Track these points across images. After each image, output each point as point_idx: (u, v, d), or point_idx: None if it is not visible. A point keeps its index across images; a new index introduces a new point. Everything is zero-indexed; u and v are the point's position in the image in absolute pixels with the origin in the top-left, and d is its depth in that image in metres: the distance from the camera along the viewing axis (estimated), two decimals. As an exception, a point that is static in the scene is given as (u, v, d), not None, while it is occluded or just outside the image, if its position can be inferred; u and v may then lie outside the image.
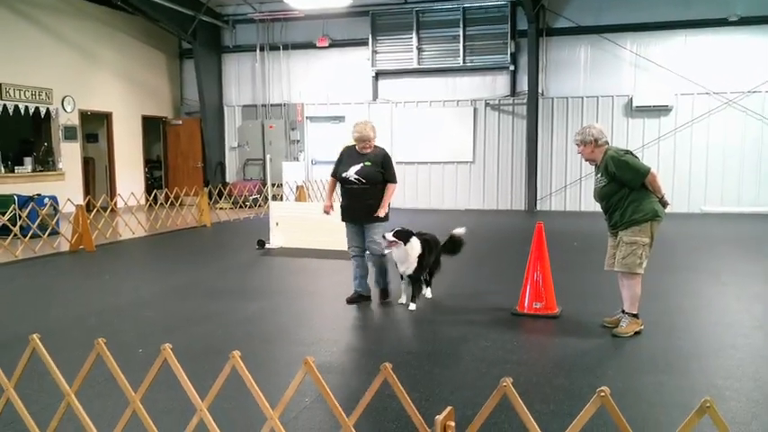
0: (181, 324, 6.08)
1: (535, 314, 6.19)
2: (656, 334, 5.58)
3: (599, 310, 6.17)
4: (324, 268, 8.99)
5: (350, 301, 6.75)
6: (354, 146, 6.70)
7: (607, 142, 5.67)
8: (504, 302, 6.59)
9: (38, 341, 3.04)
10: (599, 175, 5.69)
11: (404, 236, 6.43)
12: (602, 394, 2.21)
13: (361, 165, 6.55)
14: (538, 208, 16.27)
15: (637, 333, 5.54)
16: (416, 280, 6.55)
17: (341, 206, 6.79)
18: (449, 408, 2.40)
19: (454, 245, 7.11)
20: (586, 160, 5.78)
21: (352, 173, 6.55)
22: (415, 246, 6.44)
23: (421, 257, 6.46)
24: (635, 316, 5.60)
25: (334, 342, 5.48)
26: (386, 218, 6.64)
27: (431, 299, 6.86)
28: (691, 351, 5.15)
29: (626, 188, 5.48)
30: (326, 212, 6.92)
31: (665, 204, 5.58)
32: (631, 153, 5.65)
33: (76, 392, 3.04)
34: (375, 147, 6.68)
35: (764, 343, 5.38)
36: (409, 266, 6.46)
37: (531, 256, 6.28)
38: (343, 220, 6.77)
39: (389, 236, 6.39)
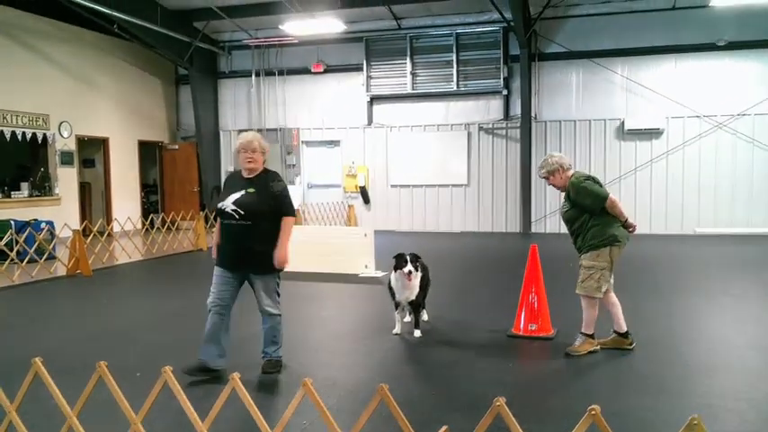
0: (178, 347, 6.10)
1: (530, 336, 6.23)
2: (650, 354, 5.63)
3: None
4: (320, 291, 9.02)
5: (188, 371, 4.93)
6: (240, 171, 5.14)
7: (571, 166, 5.76)
8: (500, 324, 6.63)
9: (40, 364, 3.08)
10: (564, 200, 5.80)
11: (416, 262, 6.19)
12: (593, 412, 2.27)
13: (243, 192, 4.93)
14: (532, 230, 16.35)
15: (591, 352, 5.62)
16: (418, 306, 6.36)
17: (216, 246, 5.21)
18: (444, 427, 2.45)
19: None
20: (558, 188, 5.80)
21: (228, 203, 4.93)
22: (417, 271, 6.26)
23: (420, 281, 6.30)
24: (590, 336, 5.68)
25: (332, 365, 5.51)
26: (281, 267, 5.14)
27: (427, 321, 6.88)
28: (685, 371, 5.19)
29: (587, 213, 5.56)
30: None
31: (629, 228, 5.63)
32: (593, 179, 5.69)
33: (78, 415, 3.07)
34: (265, 170, 5.11)
35: (759, 363, 5.43)
36: (412, 293, 6.22)
37: (526, 278, 6.34)
38: (218, 264, 5.16)
39: (412, 268, 6.05)
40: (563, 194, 5.84)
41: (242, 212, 4.88)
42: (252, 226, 4.91)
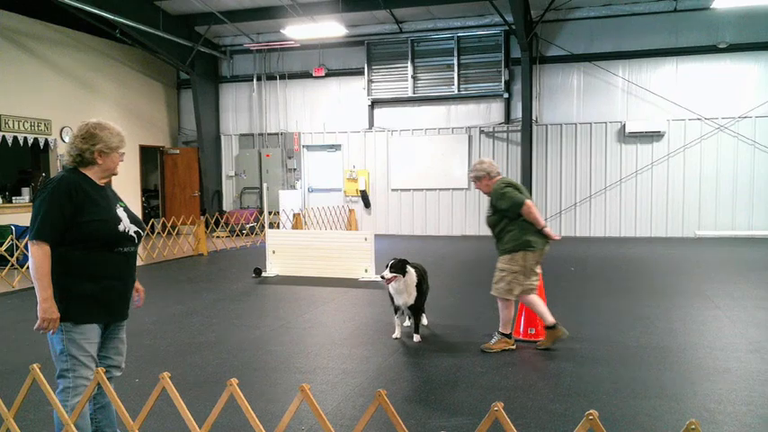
0: (177, 353, 6.10)
1: (530, 340, 6.24)
2: (649, 358, 5.62)
3: (594, 336, 6.21)
4: (320, 296, 9.02)
5: None
6: (83, 176, 3.44)
7: (499, 173, 6.04)
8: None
9: (38, 371, 3.08)
10: (488, 206, 6.06)
11: (401, 268, 6.18)
12: (591, 417, 2.27)
13: (122, 207, 3.58)
14: (534, 234, 16.31)
15: (505, 351, 5.88)
16: (418, 310, 6.36)
17: (94, 292, 3.42)
18: (441, 433, 2.45)
19: None
20: (485, 193, 6.06)
21: (128, 223, 3.53)
22: (412, 274, 6.26)
23: (419, 285, 6.30)
24: (507, 336, 5.95)
25: (330, 370, 5.51)
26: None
27: (426, 326, 6.88)
28: (684, 375, 5.19)
29: (506, 219, 5.81)
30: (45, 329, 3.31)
31: (548, 236, 5.91)
32: (514, 185, 5.94)
33: (75, 422, 3.07)
34: None
35: (758, 367, 5.42)
36: (409, 297, 6.22)
37: (526, 282, 6.33)
38: (93, 320, 3.47)
39: (388, 274, 6.07)
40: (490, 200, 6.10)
41: (141, 233, 3.61)
42: (136, 252, 3.68)
